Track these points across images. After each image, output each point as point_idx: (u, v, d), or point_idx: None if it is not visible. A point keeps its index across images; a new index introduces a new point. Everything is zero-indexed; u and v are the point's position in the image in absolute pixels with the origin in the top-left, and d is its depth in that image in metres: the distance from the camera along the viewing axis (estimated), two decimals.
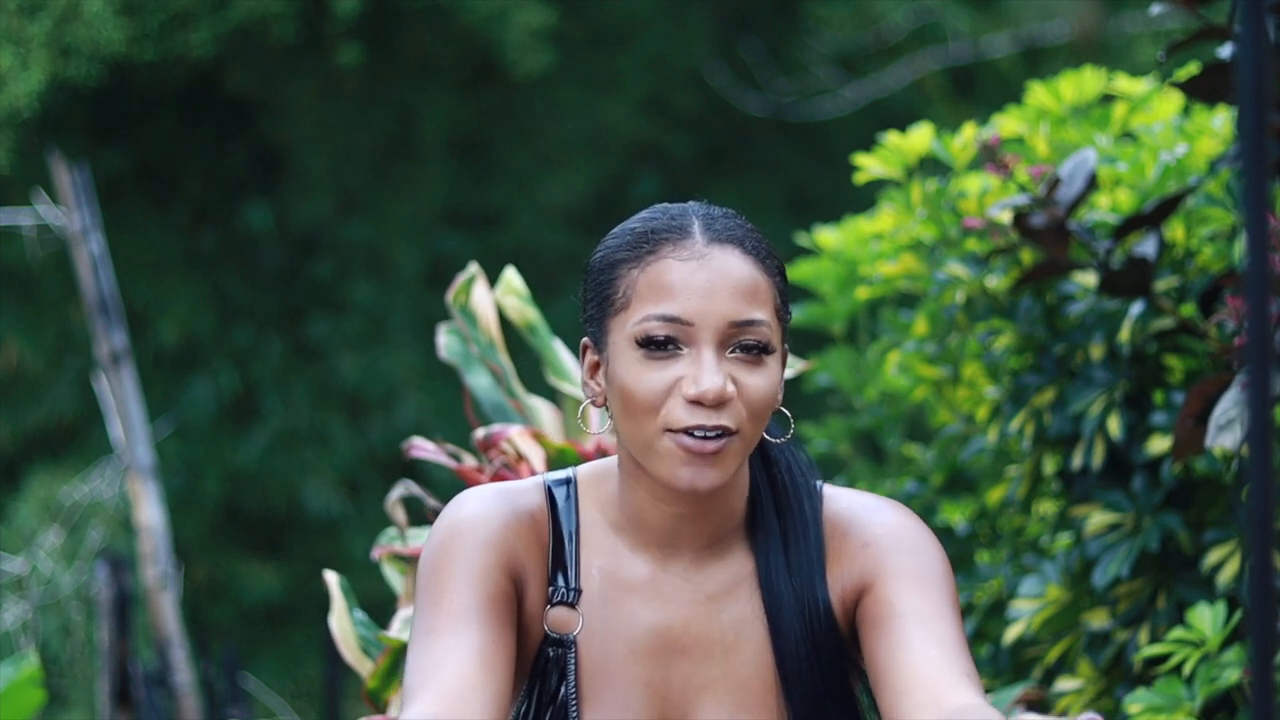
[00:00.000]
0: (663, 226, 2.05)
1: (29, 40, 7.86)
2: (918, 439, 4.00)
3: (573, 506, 2.11)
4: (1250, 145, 1.40)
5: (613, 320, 2.04)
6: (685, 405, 1.99)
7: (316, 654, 8.28)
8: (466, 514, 2.06)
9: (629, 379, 2.01)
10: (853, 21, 10.20)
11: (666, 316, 2.00)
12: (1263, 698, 1.41)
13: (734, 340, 2.01)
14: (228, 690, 5.45)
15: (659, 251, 2.03)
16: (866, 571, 2.06)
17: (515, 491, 2.10)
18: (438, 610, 2.00)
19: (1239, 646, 2.71)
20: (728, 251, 2.03)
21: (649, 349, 2.01)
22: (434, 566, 2.04)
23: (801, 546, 2.09)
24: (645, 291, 2.02)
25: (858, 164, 3.48)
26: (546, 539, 2.09)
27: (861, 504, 2.12)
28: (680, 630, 2.08)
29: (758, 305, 2.02)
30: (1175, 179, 3.07)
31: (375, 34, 8.80)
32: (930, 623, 2.00)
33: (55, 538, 6.59)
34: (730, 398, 2.00)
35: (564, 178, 9.53)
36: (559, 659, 2.07)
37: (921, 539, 2.08)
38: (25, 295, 8.78)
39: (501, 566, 2.04)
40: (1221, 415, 2.60)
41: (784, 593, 2.08)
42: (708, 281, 2.01)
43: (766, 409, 2.03)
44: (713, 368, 1.99)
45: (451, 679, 1.94)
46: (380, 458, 9.01)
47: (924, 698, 1.93)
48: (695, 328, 2.00)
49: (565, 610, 2.08)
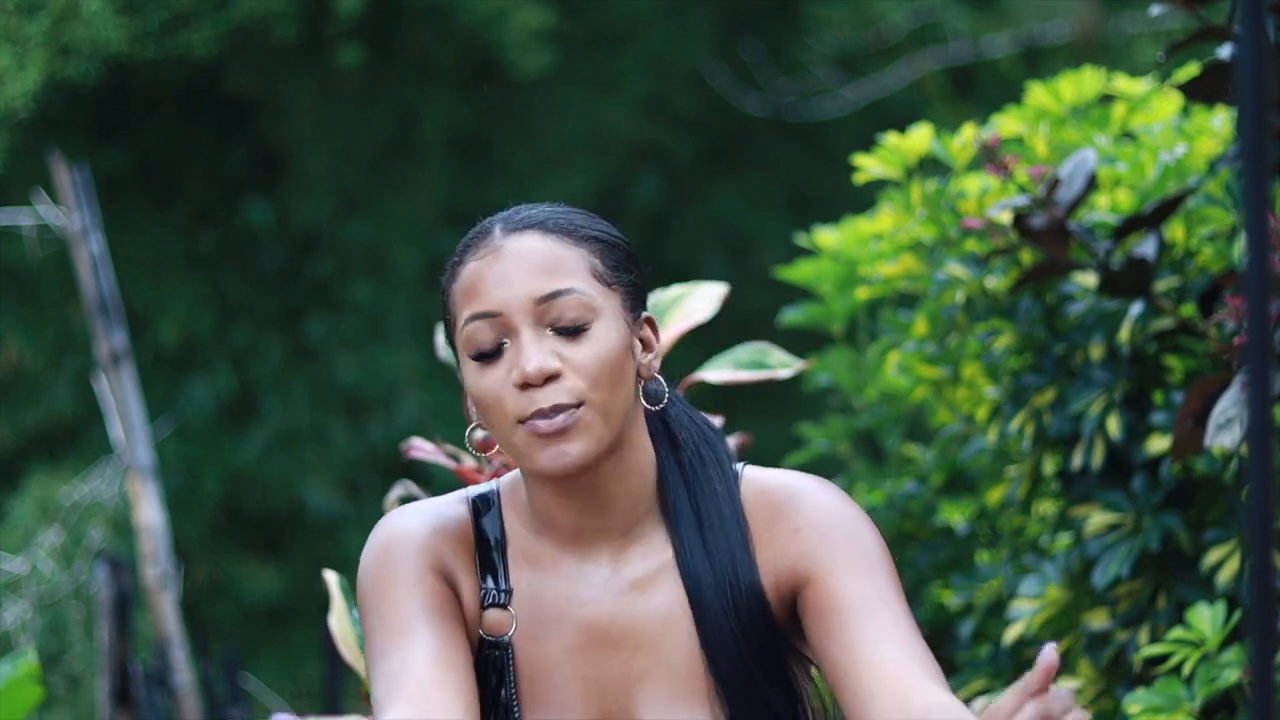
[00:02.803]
0: (470, 238, 2.10)
1: (27, 39, 7.85)
2: (918, 439, 4.00)
3: (496, 514, 2.14)
4: (1250, 145, 1.40)
5: (455, 341, 2.09)
6: (521, 393, 2.02)
7: (316, 654, 8.28)
8: (392, 530, 2.11)
9: (474, 388, 2.06)
10: (853, 21, 10.20)
11: (476, 314, 2.04)
12: (1263, 698, 1.41)
13: (548, 316, 2.03)
14: (228, 690, 5.45)
15: (464, 259, 2.08)
16: (801, 560, 2.06)
17: (438, 504, 2.15)
18: (386, 626, 2.05)
19: (1239, 646, 2.71)
20: (523, 237, 2.06)
21: (480, 359, 2.05)
22: (373, 584, 2.08)
23: (718, 526, 2.09)
24: (460, 301, 2.07)
25: (858, 164, 3.48)
26: (472, 546, 2.12)
27: (788, 485, 2.11)
28: (608, 623, 2.09)
29: (562, 276, 2.04)
30: (1175, 179, 3.07)
31: (376, 34, 8.80)
32: (878, 614, 2.00)
33: (55, 538, 6.59)
34: (555, 371, 2.02)
35: (564, 178, 9.53)
36: (497, 661, 2.10)
37: (854, 521, 2.07)
38: (25, 295, 8.78)
39: (435, 570, 2.08)
40: (1221, 415, 2.60)
41: (703, 575, 2.08)
42: (504, 270, 2.05)
43: (605, 374, 2.03)
44: (531, 348, 2.02)
45: (416, 683, 1.98)
46: (379, 458, 9.01)
47: (889, 701, 1.92)
48: (505, 316, 2.03)
49: (498, 612, 2.10)
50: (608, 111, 9.67)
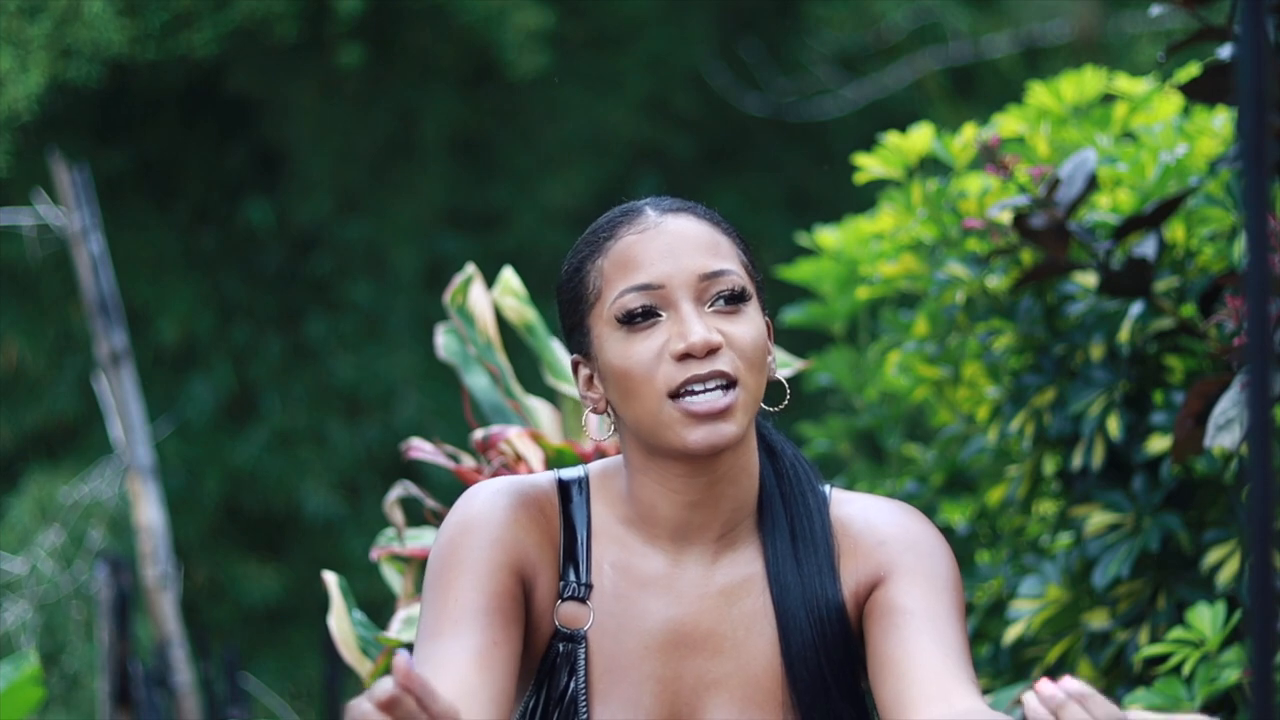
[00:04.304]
0: (615, 216, 2.10)
1: (29, 42, 7.85)
2: (918, 439, 4.00)
3: (585, 502, 2.12)
4: (1250, 145, 1.40)
5: (591, 315, 2.07)
6: (677, 364, 2.01)
7: (316, 654, 8.28)
8: (476, 509, 2.07)
9: (618, 359, 2.03)
10: (853, 21, 10.20)
11: (636, 286, 2.03)
12: (1263, 698, 1.41)
13: (709, 293, 2.04)
14: (228, 690, 5.45)
15: (616, 234, 2.08)
16: (880, 568, 2.08)
17: (528, 485, 2.11)
18: (442, 612, 2.01)
19: (1239, 646, 2.71)
20: (681, 217, 2.08)
21: (630, 324, 2.03)
22: (442, 565, 2.05)
23: (809, 540, 2.10)
24: (612, 274, 2.05)
25: (858, 164, 3.48)
26: (558, 534, 2.10)
27: (875, 506, 2.13)
28: (692, 625, 2.08)
29: (722, 257, 2.06)
30: (1175, 179, 3.07)
31: (376, 34, 8.80)
32: (937, 623, 2.02)
33: (55, 538, 6.59)
34: (719, 345, 2.02)
35: (564, 178, 9.52)
36: (569, 654, 2.08)
37: (935, 543, 2.10)
38: (25, 295, 8.78)
39: (509, 565, 2.05)
40: (1220, 415, 2.60)
41: (792, 588, 2.08)
42: (668, 245, 2.05)
43: (759, 356, 2.04)
44: (695, 320, 2.02)
45: (450, 683, 1.95)
46: (379, 458, 9.01)
47: (933, 692, 1.95)
48: (667, 289, 2.03)
49: (576, 605, 2.08)
50: (608, 112, 9.67)
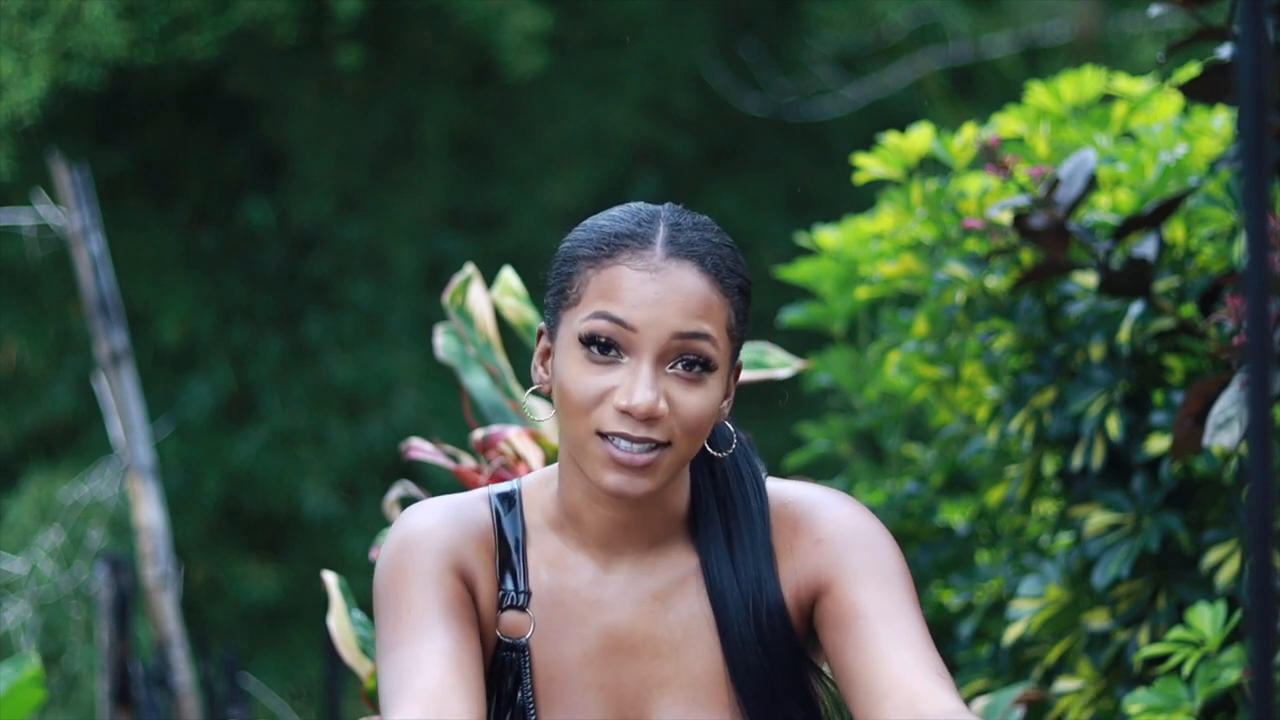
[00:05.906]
0: (627, 232, 2.05)
1: (30, 46, 7.85)
2: (918, 439, 4.00)
3: (518, 513, 2.13)
4: (1250, 145, 1.40)
5: (564, 313, 2.06)
6: (617, 413, 2.01)
7: (316, 654, 8.28)
8: (413, 525, 2.09)
9: (568, 377, 2.03)
10: (853, 21, 10.20)
11: (611, 317, 2.01)
12: (1263, 698, 1.41)
13: (675, 354, 2.02)
14: (228, 690, 5.45)
15: (616, 257, 2.04)
16: (822, 571, 2.07)
17: (459, 500, 2.13)
18: (400, 622, 2.03)
19: (1239, 646, 2.71)
20: (684, 267, 2.03)
21: (590, 349, 2.02)
22: (390, 579, 2.06)
23: (747, 543, 2.10)
24: (595, 293, 2.03)
25: (858, 164, 3.48)
26: (493, 545, 2.11)
27: (810, 498, 2.12)
28: (628, 630, 2.09)
29: (706, 321, 2.03)
30: (1175, 179, 3.07)
31: (376, 35, 8.80)
32: (895, 621, 2.01)
33: (54, 538, 6.59)
34: (661, 415, 2.00)
35: (564, 178, 9.52)
36: (513, 663, 2.09)
37: (874, 534, 2.09)
38: (25, 295, 8.78)
39: (454, 570, 2.07)
40: (1220, 414, 2.60)
41: (729, 589, 2.08)
42: (657, 294, 2.02)
43: (702, 426, 2.03)
44: (647, 382, 2.00)
45: (427, 683, 1.96)
46: (378, 458, 9.01)
47: (901, 702, 1.94)
48: (638, 335, 2.01)
49: (516, 614, 2.10)
50: (608, 112, 9.67)
